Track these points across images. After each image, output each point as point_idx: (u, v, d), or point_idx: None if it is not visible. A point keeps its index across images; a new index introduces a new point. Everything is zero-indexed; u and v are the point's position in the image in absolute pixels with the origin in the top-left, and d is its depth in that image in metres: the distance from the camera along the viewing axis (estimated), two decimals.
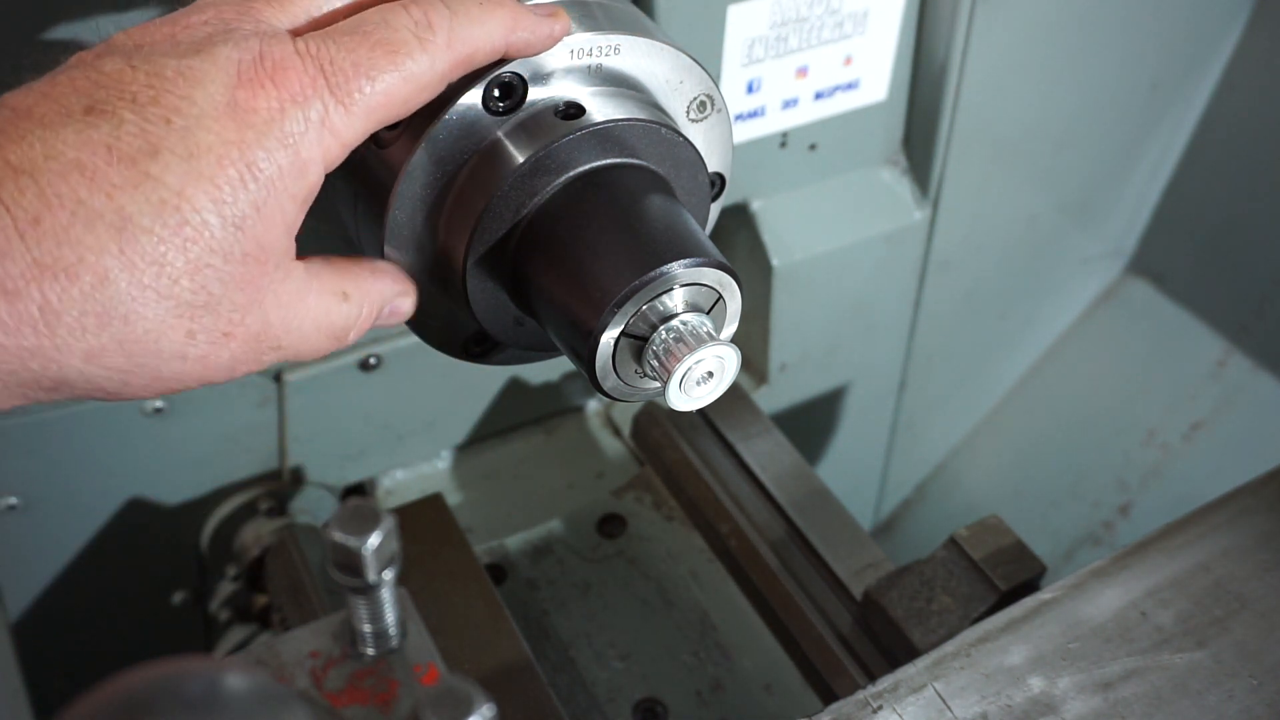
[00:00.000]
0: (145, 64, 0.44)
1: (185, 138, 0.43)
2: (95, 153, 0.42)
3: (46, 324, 0.41)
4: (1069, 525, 1.33)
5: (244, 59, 0.45)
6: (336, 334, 0.51)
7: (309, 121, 0.45)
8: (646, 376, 0.55)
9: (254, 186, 0.44)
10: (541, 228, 0.56)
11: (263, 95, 0.45)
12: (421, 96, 0.49)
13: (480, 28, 0.50)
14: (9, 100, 0.44)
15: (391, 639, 0.44)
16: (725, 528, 0.89)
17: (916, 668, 0.62)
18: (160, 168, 0.43)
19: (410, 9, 0.48)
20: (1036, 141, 1.13)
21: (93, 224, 0.41)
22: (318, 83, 0.45)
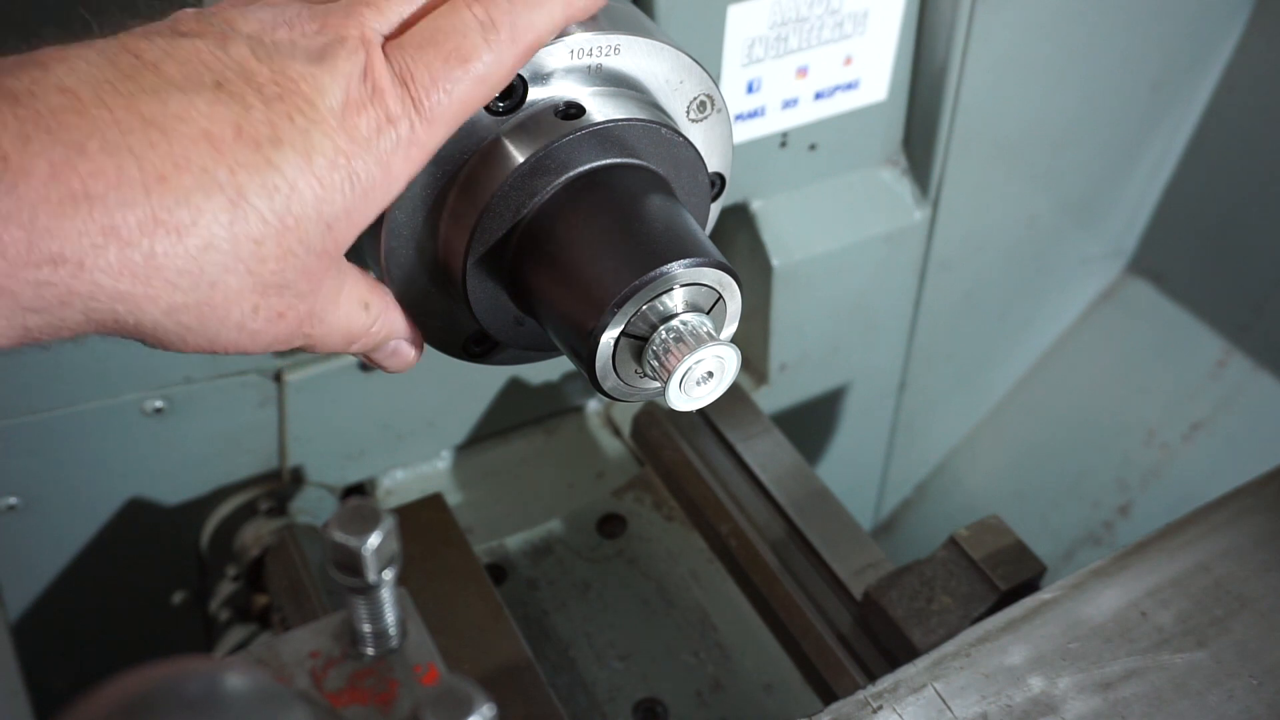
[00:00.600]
0: (271, 61, 0.47)
1: (304, 137, 0.46)
2: (225, 127, 0.44)
3: (146, 274, 0.43)
4: (1069, 525, 1.33)
5: (353, 74, 0.48)
6: (351, 338, 0.54)
7: (399, 139, 0.48)
8: (646, 376, 0.55)
9: (351, 194, 0.47)
10: (541, 228, 0.56)
11: (365, 114, 0.48)
12: (493, 92, 0.52)
13: (540, 12, 0.51)
14: (131, 44, 0.46)
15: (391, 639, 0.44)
16: (725, 528, 0.89)
17: (916, 668, 0.62)
18: (280, 158, 0.45)
19: (473, 7, 0.50)
20: (1036, 141, 1.13)
21: (211, 193, 0.44)
22: (405, 103, 0.48)
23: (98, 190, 0.42)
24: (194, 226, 0.43)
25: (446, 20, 0.50)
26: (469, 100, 0.50)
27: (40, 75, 0.43)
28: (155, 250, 0.43)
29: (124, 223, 0.42)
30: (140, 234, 0.43)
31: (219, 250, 0.44)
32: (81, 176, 0.41)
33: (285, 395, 0.90)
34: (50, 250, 0.41)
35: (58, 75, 0.43)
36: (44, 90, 0.43)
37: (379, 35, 0.50)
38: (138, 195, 0.42)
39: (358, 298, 0.54)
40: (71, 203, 0.41)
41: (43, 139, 0.41)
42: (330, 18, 0.50)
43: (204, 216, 0.44)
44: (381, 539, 0.40)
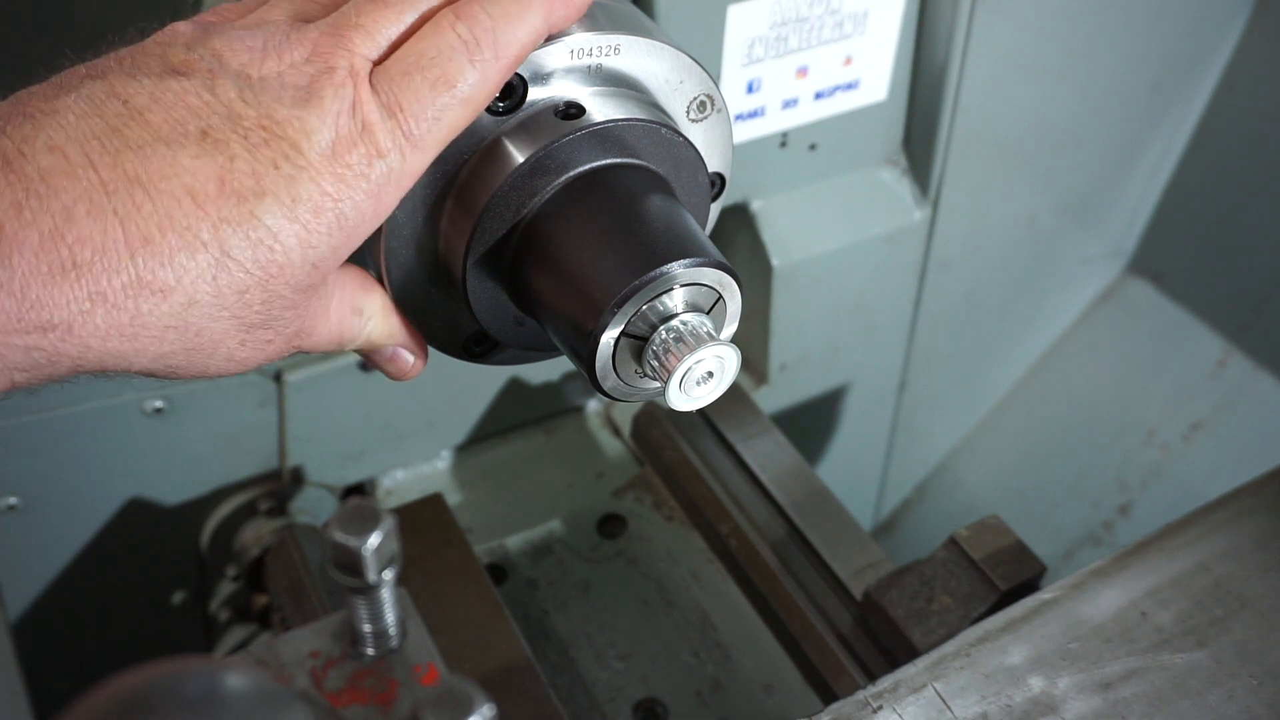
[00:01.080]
0: (258, 103, 0.47)
1: (289, 185, 0.46)
2: (208, 182, 0.45)
3: (133, 332, 0.44)
4: (1069, 525, 1.33)
5: (341, 112, 0.48)
6: (341, 341, 0.55)
7: (390, 170, 0.49)
8: (646, 376, 0.55)
9: (338, 234, 0.48)
10: (541, 228, 0.56)
11: (355, 151, 0.48)
12: (480, 110, 0.52)
13: (522, 26, 0.51)
14: (118, 88, 0.46)
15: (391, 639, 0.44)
16: (725, 528, 0.89)
17: (916, 668, 0.61)
18: (264, 209, 0.46)
19: (456, 27, 0.50)
20: (1036, 141, 1.13)
21: (196, 253, 0.45)
22: (395, 134, 0.49)
23: (84, 258, 0.43)
24: (178, 286, 0.44)
25: (431, 43, 0.50)
26: (456, 123, 0.51)
27: (30, 133, 0.44)
28: (141, 310, 0.44)
29: (110, 287, 0.43)
30: (126, 296, 0.44)
31: (203, 304, 0.45)
32: (69, 245, 0.43)
33: (285, 395, 0.90)
34: (39, 319, 0.43)
35: (47, 132, 0.44)
36: (34, 150, 0.44)
37: (367, 63, 0.50)
38: (123, 259, 0.43)
39: (350, 304, 0.54)
40: (60, 272, 0.42)
41: (34, 206, 0.42)
42: (320, 43, 0.49)
43: (188, 275, 0.44)
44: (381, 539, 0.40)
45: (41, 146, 0.44)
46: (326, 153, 0.47)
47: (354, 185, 0.48)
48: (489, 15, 0.51)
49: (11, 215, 0.42)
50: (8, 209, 0.42)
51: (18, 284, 0.42)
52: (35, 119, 0.45)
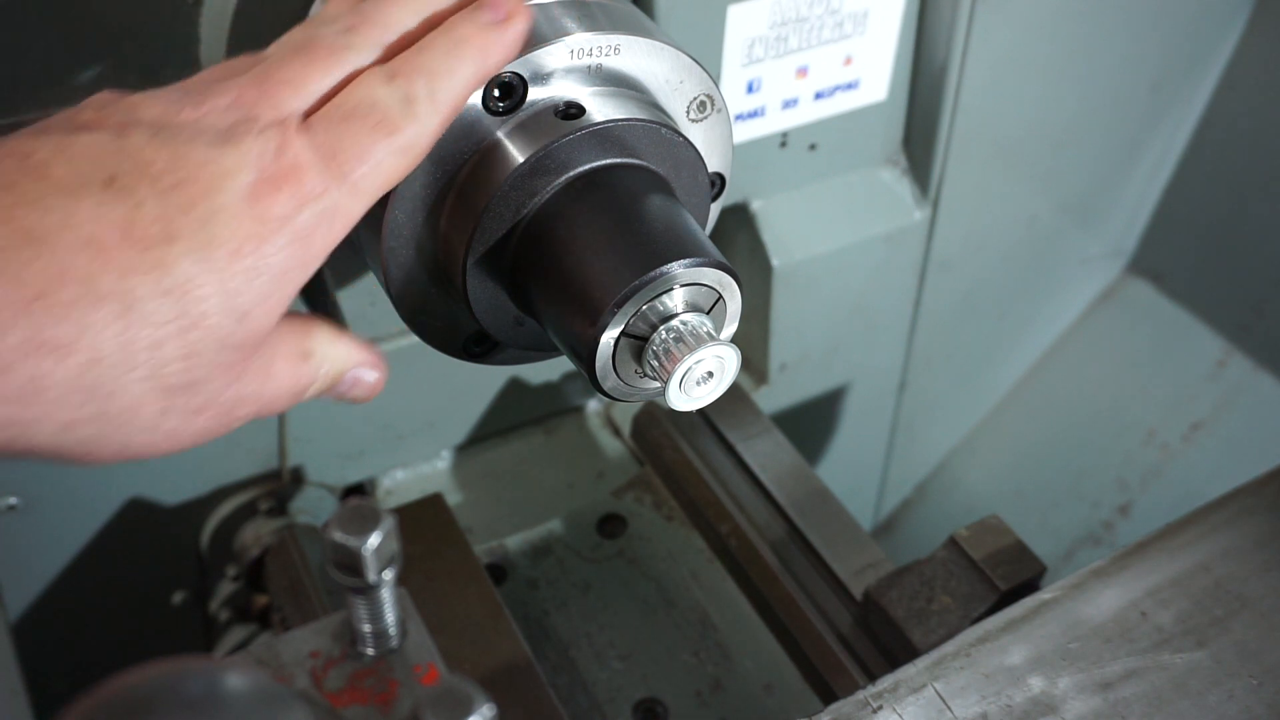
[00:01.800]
0: (171, 146, 0.45)
1: (202, 228, 0.44)
2: (111, 230, 0.42)
3: (30, 397, 0.41)
4: (1069, 525, 1.33)
5: (265, 154, 0.46)
6: (296, 393, 0.52)
7: (319, 215, 0.47)
8: (646, 376, 0.56)
9: (262, 281, 0.45)
10: (541, 228, 0.56)
11: (280, 192, 0.45)
12: (417, 160, 0.50)
13: (457, 79, 0.51)
14: (22, 145, 0.44)
15: (391, 639, 0.44)
16: (725, 528, 0.89)
17: (916, 668, 0.61)
18: (174, 255, 0.43)
19: (393, 81, 0.49)
20: (1036, 141, 1.13)
21: (98, 304, 0.42)
22: (326, 177, 0.47)
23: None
24: (78, 342, 0.41)
25: (367, 93, 0.49)
26: (394, 172, 0.49)
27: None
28: (38, 372, 0.41)
29: (2, 348, 0.40)
30: (20, 357, 0.40)
31: (109, 363, 0.42)
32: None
33: None
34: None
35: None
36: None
37: (296, 114, 0.48)
38: (15, 317, 0.40)
39: (295, 353, 0.51)
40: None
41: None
42: (244, 94, 0.48)
43: (89, 331, 0.41)
44: (381, 539, 0.40)
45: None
46: (246, 195, 0.45)
47: (278, 230, 0.45)
48: (424, 70, 0.50)
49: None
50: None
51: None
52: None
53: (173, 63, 0.70)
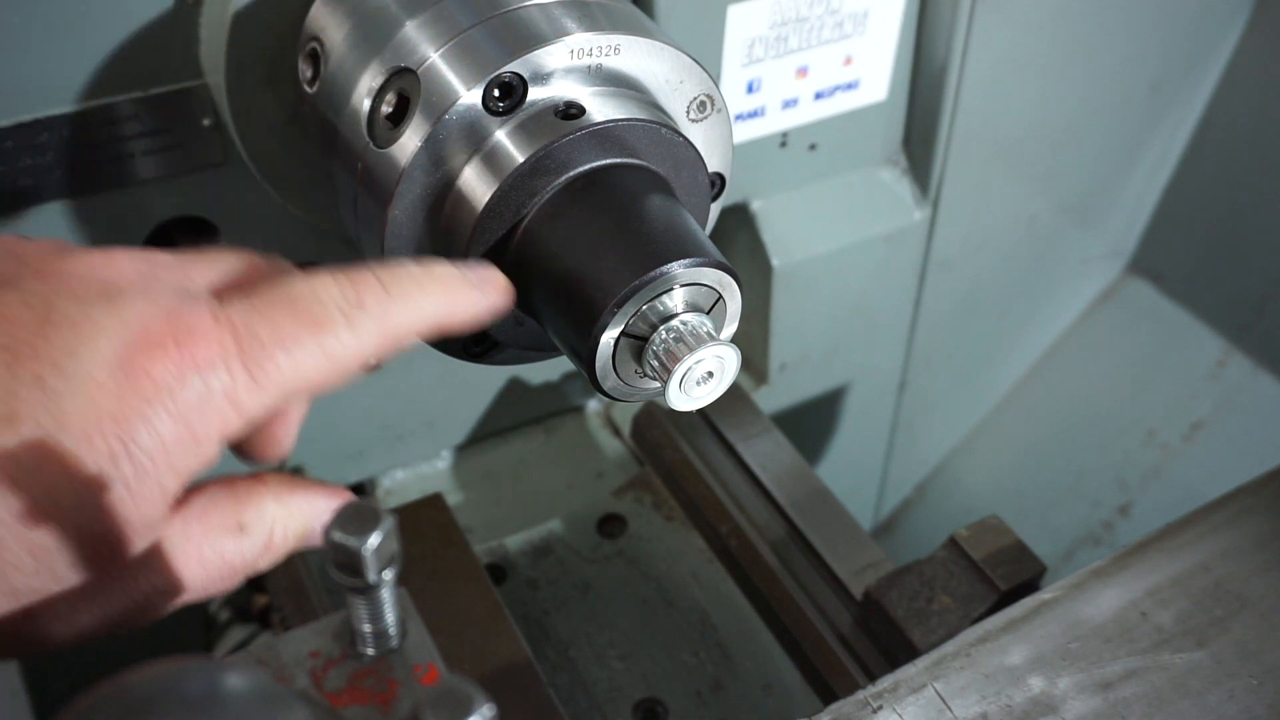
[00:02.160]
0: (41, 304, 0.38)
1: (53, 403, 0.37)
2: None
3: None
4: (1069, 525, 1.33)
5: (152, 314, 0.39)
6: (226, 575, 0.45)
7: (210, 391, 0.40)
8: (646, 376, 0.55)
9: (127, 465, 0.38)
10: (541, 228, 0.56)
11: (162, 358, 0.39)
12: (342, 375, 0.44)
13: (413, 310, 0.45)
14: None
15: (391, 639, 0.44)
16: (725, 528, 0.89)
17: (916, 668, 0.61)
18: (14, 438, 0.36)
19: (342, 281, 0.43)
20: (1036, 141, 1.13)
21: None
22: (228, 351, 0.40)
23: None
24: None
25: (307, 287, 0.43)
26: (309, 376, 0.42)
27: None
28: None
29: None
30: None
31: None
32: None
33: None
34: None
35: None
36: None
37: (202, 286, 0.43)
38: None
39: (221, 529, 0.44)
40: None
41: None
42: (156, 261, 0.42)
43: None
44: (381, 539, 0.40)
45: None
46: (116, 360, 0.38)
47: (151, 399, 0.38)
48: (381, 284, 0.44)
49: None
50: None
51: None
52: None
53: (173, 63, 0.70)
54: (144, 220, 0.75)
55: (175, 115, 0.72)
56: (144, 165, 0.73)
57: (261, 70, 0.67)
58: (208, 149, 0.74)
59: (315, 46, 0.64)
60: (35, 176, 0.70)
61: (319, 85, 0.63)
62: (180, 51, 0.70)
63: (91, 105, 0.69)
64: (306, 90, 0.64)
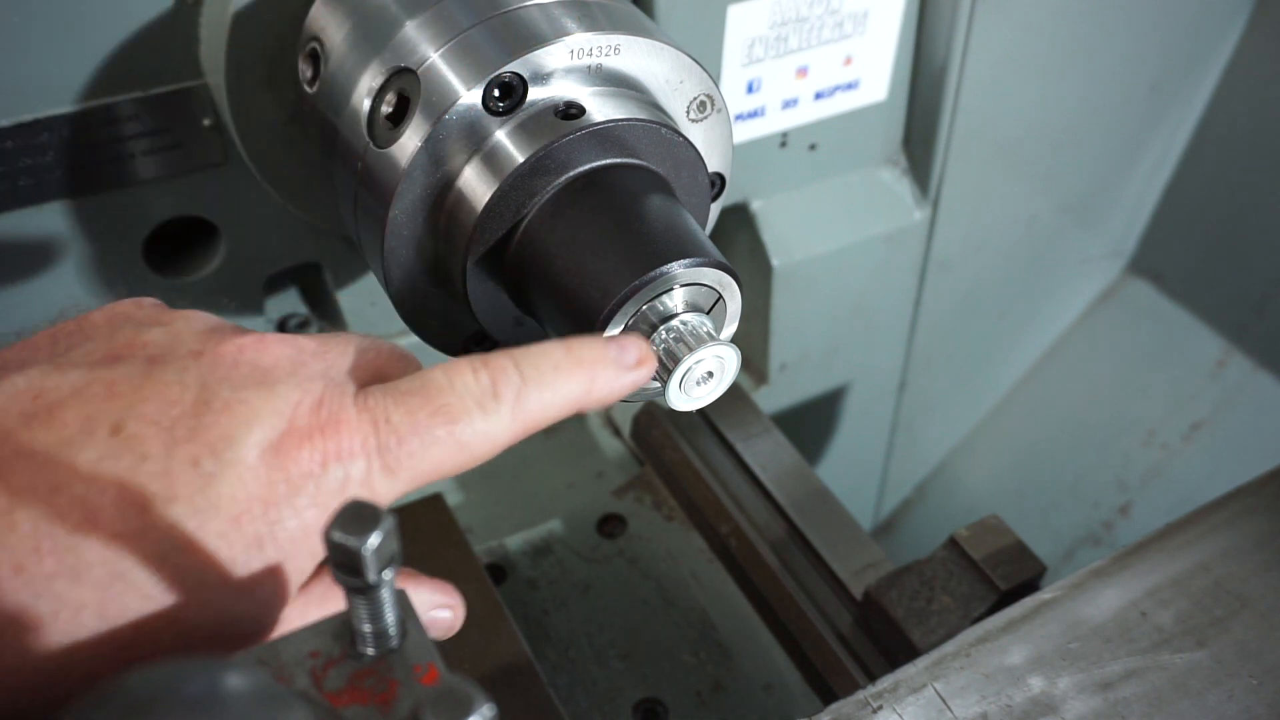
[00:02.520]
0: (197, 386, 0.40)
1: (207, 486, 0.39)
2: (105, 491, 0.38)
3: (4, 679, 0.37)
4: (1069, 525, 1.33)
5: (302, 402, 0.41)
6: None
7: (349, 479, 0.42)
8: None
9: (271, 549, 0.40)
10: (541, 228, 0.56)
11: (308, 446, 0.41)
12: (475, 461, 0.45)
13: (551, 394, 0.45)
14: (38, 380, 0.39)
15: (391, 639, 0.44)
16: (725, 528, 0.89)
17: (916, 668, 0.61)
18: (172, 518, 0.38)
19: (479, 371, 0.44)
20: (1036, 141, 1.13)
21: (80, 577, 0.37)
22: (368, 441, 0.42)
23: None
24: (54, 620, 0.37)
25: (444, 376, 0.44)
26: (441, 465, 0.43)
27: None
28: (6, 649, 0.37)
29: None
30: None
31: (86, 641, 0.38)
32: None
33: None
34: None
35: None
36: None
37: (344, 372, 0.44)
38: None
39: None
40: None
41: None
42: (301, 345, 0.44)
43: (67, 608, 0.37)
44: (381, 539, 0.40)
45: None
46: (269, 446, 0.40)
47: (298, 487, 0.40)
48: (518, 370, 0.45)
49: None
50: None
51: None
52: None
53: (173, 63, 0.70)
54: (144, 220, 0.75)
55: (175, 115, 0.72)
56: (144, 165, 0.73)
57: (261, 70, 0.67)
58: (208, 149, 0.74)
59: (315, 46, 0.64)
60: (35, 176, 0.70)
61: (319, 85, 0.63)
62: (180, 51, 0.70)
63: (91, 105, 0.69)
64: (306, 90, 0.64)
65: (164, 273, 0.79)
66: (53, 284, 0.76)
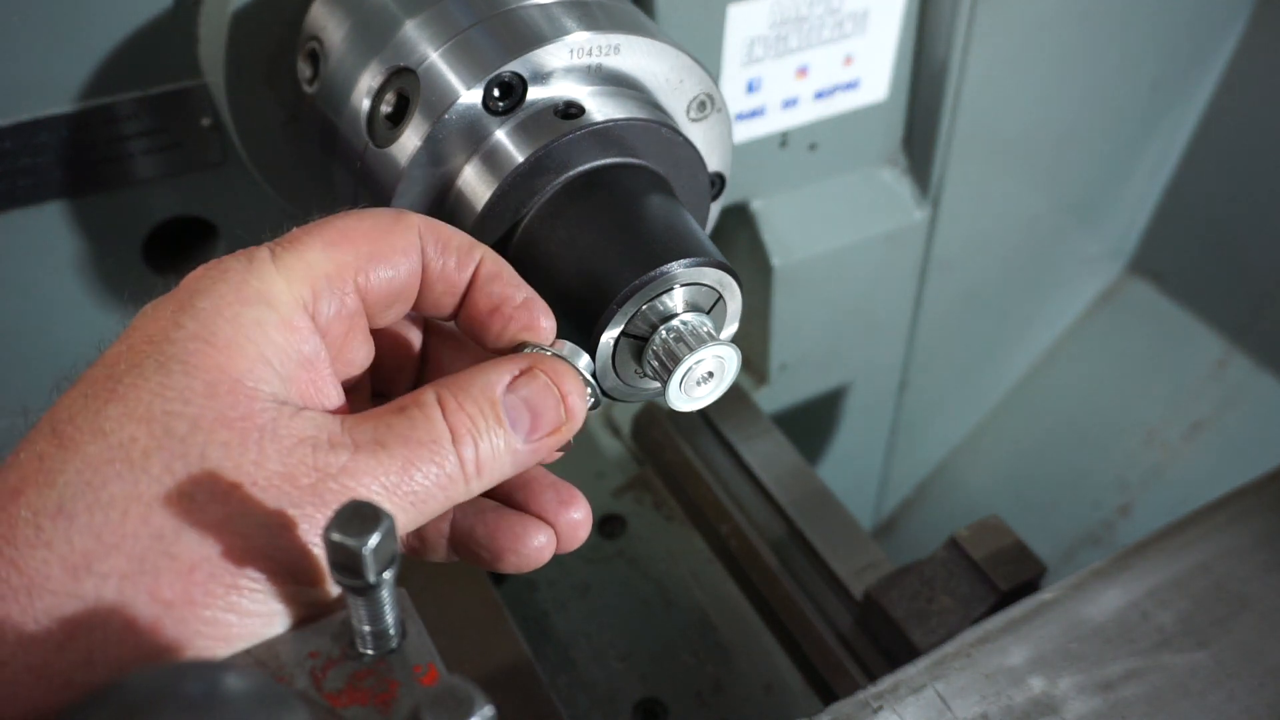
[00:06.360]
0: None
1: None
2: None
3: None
4: (1069, 525, 1.33)
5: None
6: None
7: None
8: (646, 376, 0.55)
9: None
10: (541, 227, 0.56)
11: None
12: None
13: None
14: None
15: (391, 639, 0.44)
16: (725, 528, 0.89)
17: (917, 668, 0.61)
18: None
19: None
20: (1037, 141, 1.13)
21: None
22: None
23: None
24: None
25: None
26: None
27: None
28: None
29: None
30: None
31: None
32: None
33: None
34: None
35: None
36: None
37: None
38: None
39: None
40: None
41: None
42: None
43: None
44: (381, 539, 0.40)
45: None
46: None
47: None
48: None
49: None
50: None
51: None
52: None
53: (173, 63, 0.70)
54: (143, 220, 0.75)
55: (175, 115, 0.72)
56: (143, 165, 0.73)
57: (261, 70, 0.67)
58: (207, 149, 0.74)
59: (314, 46, 0.64)
60: (35, 176, 0.70)
61: (318, 85, 0.63)
62: (180, 51, 0.70)
63: (91, 105, 0.69)
64: (306, 90, 0.64)
65: (164, 272, 0.79)
66: (53, 284, 0.75)
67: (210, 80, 0.70)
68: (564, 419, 0.49)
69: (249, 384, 0.44)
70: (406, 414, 0.46)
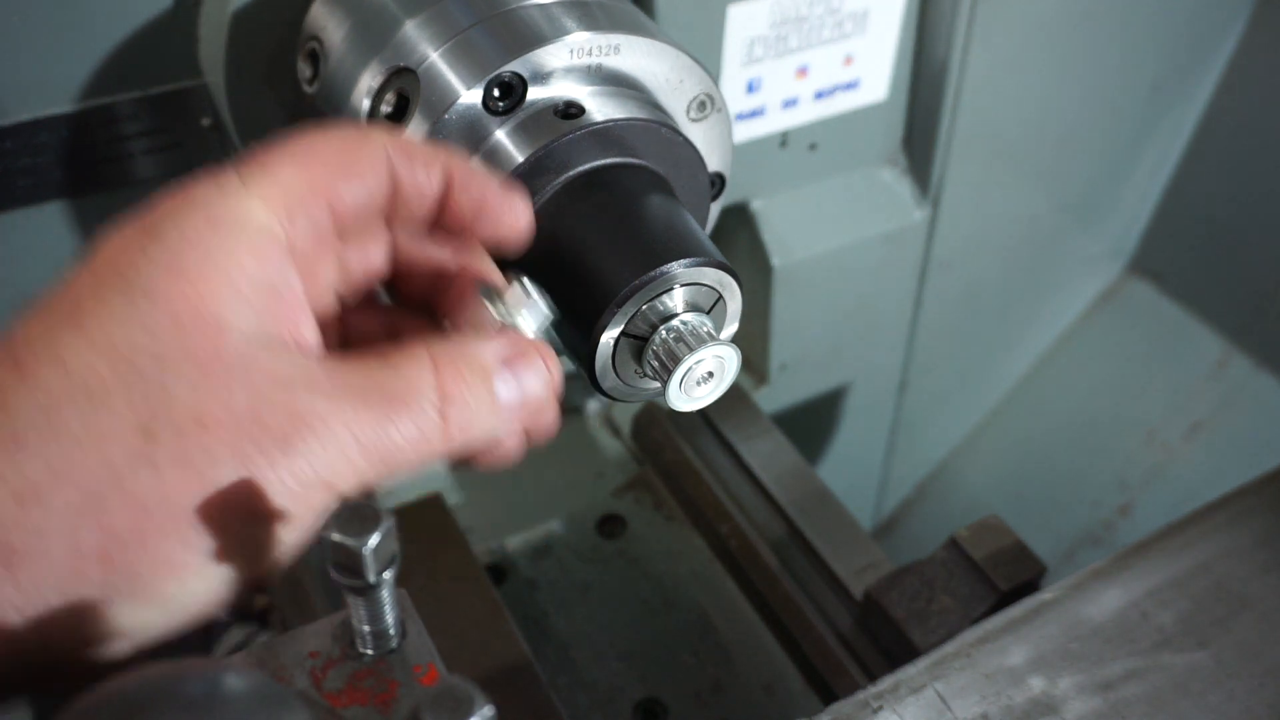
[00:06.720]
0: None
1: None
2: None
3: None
4: (1069, 525, 1.33)
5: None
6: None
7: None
8: (646, 377, 0.55)
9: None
10: (541, 227, 0.56)
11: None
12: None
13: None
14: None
15: (391, 639, 0.44)
16: (725, 528, 0.89)
17: (917, 668, 0.61)
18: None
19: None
20: (1037, 141, 1.13)
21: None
22: None
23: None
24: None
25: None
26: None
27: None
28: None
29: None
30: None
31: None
32: None
33: None
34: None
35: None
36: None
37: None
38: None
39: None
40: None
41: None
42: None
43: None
44: (381, 539, 0.40)
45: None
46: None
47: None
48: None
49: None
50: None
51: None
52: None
53: (173, 63, 0.70)
54: None
55: (175, 115, 0.72)
56: (143, 165, 0.73)
57: (261, 70, 0.67)
58: (207, 149, 0.74)
59: (315, 46, 0.64)
60: (35, 176, 0.70)
61: (318, 85, 0.63)
62: (180, 51, 0.70)
63: (91, 105, 0.69)
64: (306, 90, 0.64)
65: None
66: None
67: (210, 80, 0.70)
68: (548, 404, 0.50)
69: (218, 317, 0.42)
70: (393, 365, 0.45)
